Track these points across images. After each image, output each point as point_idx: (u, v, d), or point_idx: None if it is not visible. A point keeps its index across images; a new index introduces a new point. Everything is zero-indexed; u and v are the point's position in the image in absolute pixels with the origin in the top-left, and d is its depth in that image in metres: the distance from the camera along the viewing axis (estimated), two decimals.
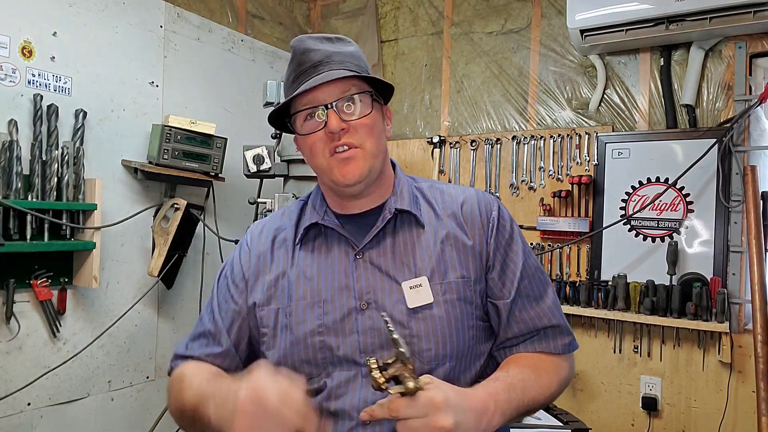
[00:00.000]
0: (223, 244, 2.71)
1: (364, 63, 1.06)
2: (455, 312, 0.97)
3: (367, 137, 0.98)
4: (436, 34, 3.09)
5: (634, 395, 2.43)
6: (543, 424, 2.04)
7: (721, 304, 2.18)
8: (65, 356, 2.17)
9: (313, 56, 0.99)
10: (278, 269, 1.05)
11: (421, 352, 0.95)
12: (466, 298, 0.99)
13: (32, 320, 2.09)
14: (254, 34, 3.08)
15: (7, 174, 1.93)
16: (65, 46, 2.17)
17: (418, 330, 0.96)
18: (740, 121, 2.22)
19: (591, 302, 2.47)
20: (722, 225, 2.27)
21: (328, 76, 0.95)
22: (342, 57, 1.00)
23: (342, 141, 0.96)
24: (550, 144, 2.69)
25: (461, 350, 0.97)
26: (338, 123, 0.95)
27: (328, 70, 0.98)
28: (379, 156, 1.01)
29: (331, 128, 0.95)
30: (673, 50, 2.42)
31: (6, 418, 2.03)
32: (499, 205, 1.08)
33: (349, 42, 1.06)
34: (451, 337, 0.96)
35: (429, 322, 0.96)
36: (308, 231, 1.06)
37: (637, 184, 2.45)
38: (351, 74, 0.96)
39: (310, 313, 1.00)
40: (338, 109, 0.96)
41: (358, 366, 0.96)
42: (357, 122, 0.97)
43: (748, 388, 2.20)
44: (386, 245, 1.01)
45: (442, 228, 1.03)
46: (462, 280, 1.00)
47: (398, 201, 1.04)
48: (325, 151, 0.98)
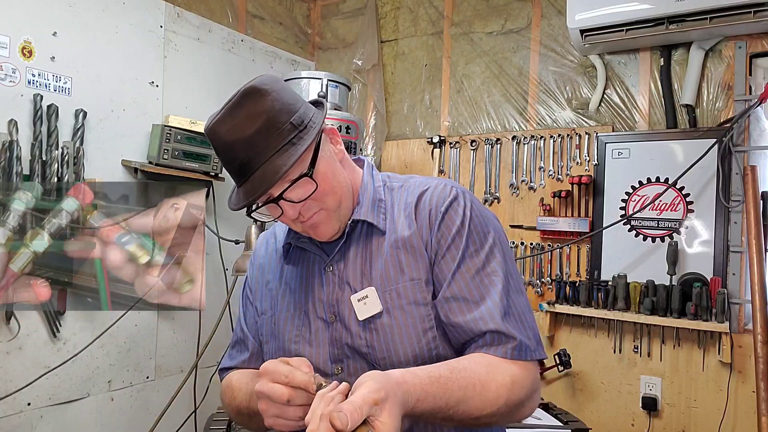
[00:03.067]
0: (223, 244, 2.71)
1: (284, 107, 0.94)
2: (406, 317, 0.96)
3: (324, 199, 0.96)
4: (436, 34, 3.09)
5: (634, 395, 2.43)
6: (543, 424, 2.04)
7: (721, 304, 2.18)
8: (65, 356, 2.17)
9: (235, 155, 0.93)
10: (273, 280, 1.13)
11: (377, 361, 0.96)
12: (417, 301, 0.96)
13: (32, 320, 2.09)
14: (254, 34, 3.08)
15: (7, 174, 1.93)
16: (65, 46, 2.17)
17: (371, 341, 0.97)
18: (740, 121, 2.22)
19: (591, 302, 2.48)
20: (722, 225, 2.27)
21: (269, 178, 0.90)
22: (263, 139, 0.91)
23: (305, 215, 0.97)
24: (550, 144, 2.69)
25: (419, 354, 0.95)
26: (294, 211, 0.95)
27: (259, 166, 0.91)
28: (343, 198, 1.00)
29: (289, 217, 0.97)
30: (673, 50, 2.42)
31: (6, 418, 2.03)
32: (457, 197, 1.00)
33: (259, 92, 0.93)
34: (403, 343, 0.95)
35: (380, 331, 0.96)
36: (290, 248, 1.11)
37: (637, 184, 2.45)
38: (285, 171, 0.89)
39: (290, 323, 1.06)
40: (288, 198, 0.94)
41: (329, 376, 1.00)
42: (311, 196, 0.95)
43: (748, 388, 2.20)
44: (349, 257, 1.03)
45: (398, 231, 1.01)
46: (411, 283, 0.97)
47: (357, 211, 1.03)
48: (296, 224, 1.00)
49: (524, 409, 0.94)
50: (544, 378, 2.66)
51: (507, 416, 0.91)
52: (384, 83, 3.24)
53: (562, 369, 2.50)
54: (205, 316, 2.63)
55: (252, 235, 2.37)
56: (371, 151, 3.21)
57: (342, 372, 0.99)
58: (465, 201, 1.00)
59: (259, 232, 2.35)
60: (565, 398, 2.59)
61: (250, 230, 2.38)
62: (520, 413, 0.94)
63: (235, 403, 1.06)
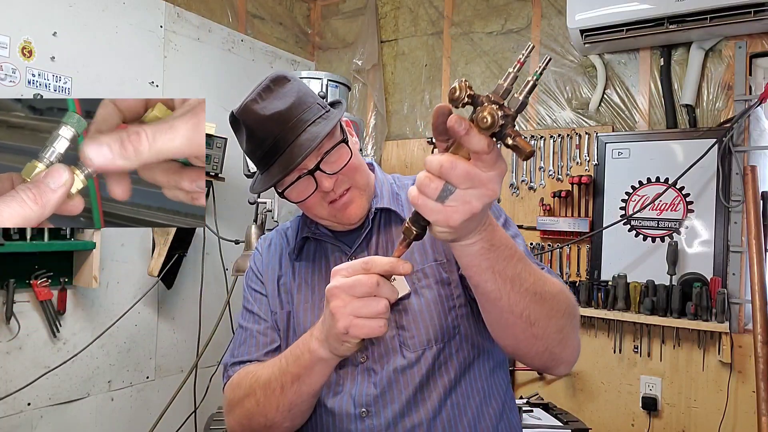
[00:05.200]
0: (223, 244, 2.71)
1: (308, 90, 1.01)
2: (433, 296, 0.99)
3: (354, 175, 1.00)
4: (436, 34, 3.09)
5: (634, 395, 2.43)
6: (543, 424, 2.04)
7: (721, 304, 2.18)
8: (65, 356, 2.17)
9: (269, 131, 0.95)
10: (285, 275, 1.10)
11: (406, 341, 0.98)
12: (443, 281, 1.00)
13: (32, 320, 2.10)
14: (254, 34, 3.08)
15: None
16: (65, 46, 2.17)
17: (400, 321, 0.99)
18: (740, 121, 2.22)
19: (591, 302, 2.47)
20: (722, 225, 2.26)
21: (306, 145, 0.92)
22: (296, 112, 0.95)
23: (337, 192, 0.98)
24: (550, 144, 2.69)
25: (444, 332, 0.98)
26: (329, 182, 0.96)
27: (296, 137, 0.95)
28: (369, 181, 1.05)
29: (324, 189, 0.97)
30: (673, 50, 2.42)
31: (6, 418, 2.03)
32: None
33: (285, 78, 0.99)
34: (432, 320, 0.98)
35: (410, 311, 0.99)
36: (304, 243, 1.11)
37: (637, 184, 2.45)
38: (321, 138, 0.93)
39: (310, 314, 1.05)
40: (324, 169, 0.96)
41: (355, 366, 1.00)
42: (346, 166, 0.98)
43: (748, 388, 2.20)
44: (373, 245, 1.05)
45: None
46: (436, 264, 1.01)
47: (379, 201, 1.06)
48: (323, 204, 0.99)
49: (573, 340, 0.88)
50: (544, 378, 2.66)
51: (562, 327, 0.83)
52: (384, 83, 3.24)
53: None
54: (205, 316, 2.63)
55: (252, 235, 2.36)
56: (371, 151, 3.20)
57: (367, 360, 1.00)
58: None
59: (259, 232, 2.35)
60: (565, 398, 2.59)
61: (250, 230, 2.38)
62: (572, 336, 0.87)
63: (261, 381, 0.95)
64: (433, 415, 0.96)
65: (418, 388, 0.97)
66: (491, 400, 1.02)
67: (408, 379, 0.97)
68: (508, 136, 0.60)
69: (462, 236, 0.69)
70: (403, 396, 0.96)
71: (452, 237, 0.68)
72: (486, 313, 0.84)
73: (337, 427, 0.99)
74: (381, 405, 0.97)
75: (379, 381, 0.98)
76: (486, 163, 0.62)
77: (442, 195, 0.63)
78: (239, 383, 1.00)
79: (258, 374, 0.97)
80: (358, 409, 0.98)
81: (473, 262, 0.73)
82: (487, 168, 0.62)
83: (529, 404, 2.26)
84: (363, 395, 0.98)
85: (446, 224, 0.64)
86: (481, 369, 1.02)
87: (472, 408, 0.99)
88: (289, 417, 0.94)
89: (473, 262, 0.73)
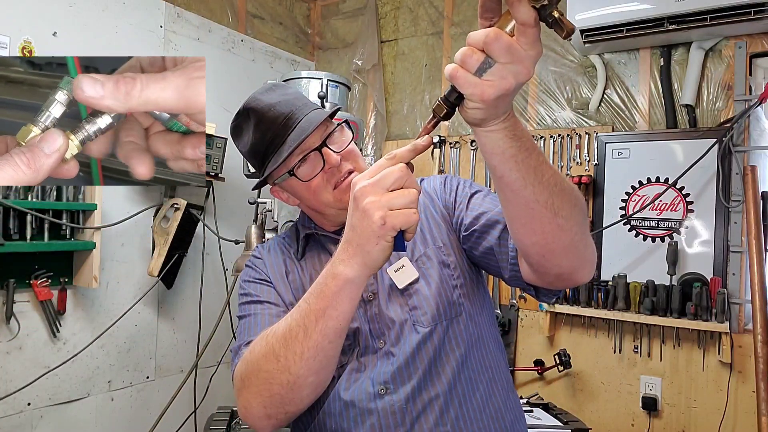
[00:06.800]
0: (223, 244, 2.71)
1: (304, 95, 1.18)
2: (438, 275, 1.07)
3: (357, 159, 1.09)
4: (436, 34, 3.09)
5: (634, 395, 2.43)
6: (543, 424, 2.04)
7: (721, 304, 2.18)
8: (65, 356, 2.17)
9: (279, 111, 1.07)
10: (292, 274, 1.14)
11: (419, 318, 1.04)
12: (444, 263, 1.09)
13: (32, 320, 2.10)
14: (254, 34, 3.08)
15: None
16: (65, 46, 2.17)
17: (412, 303, 1.05)
18: (740, 121, 2.22)
19: (591, 302, 2.47)
20: (722, 225, 2.26)
21: (315, 120, 1.04)
22: (301, 100, 1.10)
23: (344, 170, 1.06)
24: (550, 144, 2.69)
25: (451, 308, 1.06)
26: (336, 157, 1.05)
27: (304, 116, 1.07)
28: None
29: (332, 163, 1.05)
30: (673, 50, 2.42)
31: (6, 418, 2.03)
32: (448, 175, 1.20)
33: (283, 84, 1.17)
34: (440, 297, 1.06)
35: (420, 293, 1.06)
36: (307, 243, 1.16)
37: (637, 184, 2.45)
38: (328, 114, 1.06)
39: None
40: (329, 146, 1.06)
41: (375, 353, 1.04)
42: (348, 149, 1.08)
43: (748, 388, 2.20)
44: None
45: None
46: (437, 248, 1.10)
47: None
48: (328, 188, 1.06)
49: (590, 238, 0.91)
50: (544, 378, 2.66)
51: (581, 221, 0.85)
52: (384, 83, 3.24)
53: (562, 369, 2.50)
54: (205, 316, 2.63)
55: (252, 235, 2.36)
56: (371, 151, 3.21)
57: (385, 345, 1.04)
58: (455, 176, 1.20)
59: (259, 232, 2.35)
60: (565, 398, 2.59)
61: (250, 230, 2.38)
62: (589, 234, 0.90)
63: (279, 334, 0.88)
64: (449, 387, 1.01)
65: (432, 361, 1.02)
66: (498, 377, 1.09)
67: (423, 353, 1.02)
68: (554, 13, 0.62)
69: (490, 117, 0.70)
70: (420, 370, 1.01)
71: (482, 116, 0.70)
72: (511, 206, 0.83)
73: (357, 408, 1.01)
74: (399, 381, 1.01)
75: (396, 360, 1.02)
76: (528, 39, 0.63)
77: (482, 68, 0.65)
78: (252, 350, 0.93)
79: (274, 329, 0.90)
80: (377, 387, 1.01)
81: (498, 149, 0.74)
82: (528, 46, 0.63)
83: (529, 404, 2.26)
84: (381, 374, 1.02)
85: (480, 98, 0.66)
86: (487, 348, 1.09)
87: (483, 383, 1.06)
88: (314, 365, 0.86)
89: (498, 149, 0.74)
